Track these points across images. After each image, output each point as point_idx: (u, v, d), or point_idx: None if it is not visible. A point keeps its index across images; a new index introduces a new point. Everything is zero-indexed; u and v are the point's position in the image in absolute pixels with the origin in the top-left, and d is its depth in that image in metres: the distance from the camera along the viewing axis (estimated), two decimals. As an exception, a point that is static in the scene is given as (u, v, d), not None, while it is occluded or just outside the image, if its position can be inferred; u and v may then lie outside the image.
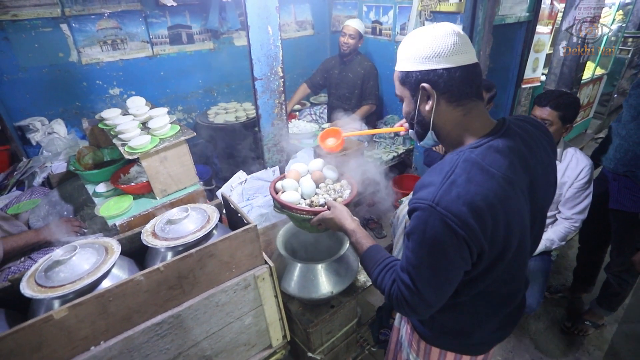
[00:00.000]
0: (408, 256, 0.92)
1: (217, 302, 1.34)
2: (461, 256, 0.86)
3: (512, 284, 1.07)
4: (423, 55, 0.90)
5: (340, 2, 3.82)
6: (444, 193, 0.84)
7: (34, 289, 1.17)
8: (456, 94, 0.91)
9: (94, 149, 2.04)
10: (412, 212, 0.90)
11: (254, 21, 1.53)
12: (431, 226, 0.84)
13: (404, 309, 0.95)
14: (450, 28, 0.91)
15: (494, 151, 0.88)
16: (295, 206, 1.32)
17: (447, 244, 0.84)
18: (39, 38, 2.58)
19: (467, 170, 0.85)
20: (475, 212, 0.82)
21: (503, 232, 0.87)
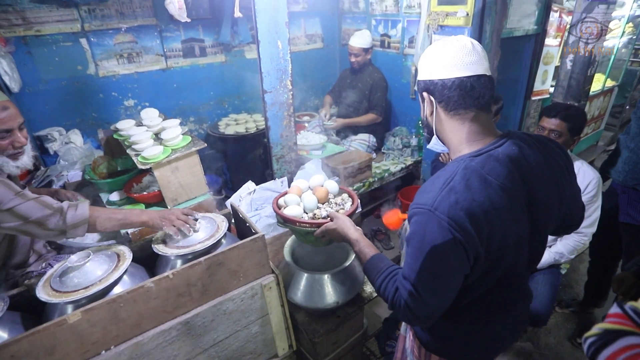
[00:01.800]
0: (408, 262, 0.94)
1: (224, 310, 1.36)
2: (459, 260, 0.88)
3: (510, 294, 1.08)
4: (426, 66, 0.98)
5: (349, 16, 3.89)
6: (442, 199, 0.87)
7: (49, 293, 1.21)
8: (451, 104, 0.96)
9: (108, 159, 2.10)
10: (412, 218, 0.94)
11: (264, 36, 1.59)
12: (430, 230, 0.87)
13: (407, 316, 0.96)
14: (454, 41, 0.95)
15: (493, 160, 0.91)
16: (298, 219, 1.34)
17: (446, 247, 0.86)
18: (60, 52, 2.68)
19: (466, 178, 0.88)
20: (472, 218, 0.85)
21: (499, 239, 0.90)
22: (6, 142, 1.37)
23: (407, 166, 3.24)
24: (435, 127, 1.02)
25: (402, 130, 3.50)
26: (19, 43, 2.52)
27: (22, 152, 1.44)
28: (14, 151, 1.40)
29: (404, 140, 3.37)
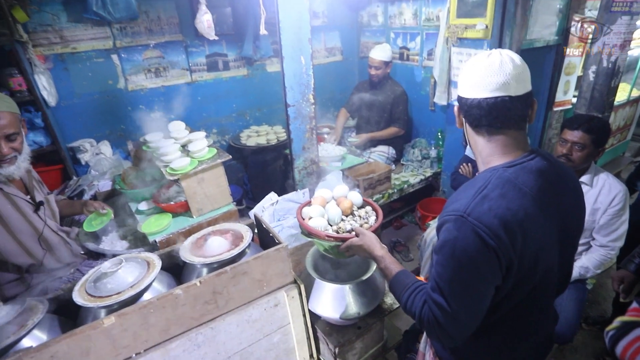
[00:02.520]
0: (439, 271, 0.92)
1: (248, 318, 1.39)
2: (492, 269, 0.87)
3: (538, 313, 1.06)
4: (459, 82, 1.02)
5: (368, 29, 3.95)
6: (476, 205, 0.88)
7: (85, 297, 1.27)
8: (474, 121, 0.99)
9: (137, 169, 2.19)
10: (442, 226, 0.93)
11: (288, 52, 1.65)
12: (462, 237, 0.86)
13: (435, 330, 0.94)
14: (484, 59, 0.95)
15: (527, 172, 0.93)
16: (323, 232, 1.34)
17: (478, 255, 0.85)
18: (93, 67, 2.83)
19: (499, 186, 0.90)
20: (506, 226, 0.85)
21: (532, 249, 0.89)
22: None
23: (426, 178, 3.24)
24: (469, 141, 1.07)
25: (422, 141, 3.51)
26: (57, 60, 2.68)
27: (8, 161, 1.51)
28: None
29: (423, 152, 3.37)
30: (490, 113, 0.94)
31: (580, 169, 1.88)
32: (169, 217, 1.79)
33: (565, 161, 1.84)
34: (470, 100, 0.96)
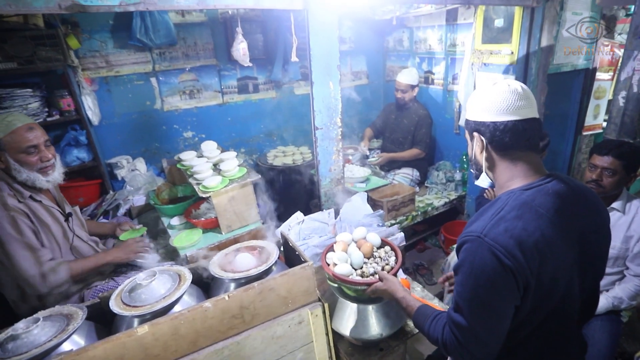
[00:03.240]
0: (458, 290, 0.96)
1: (272, 335, 1.42)
2: (509, 288, 0.89)
3: (560, 339, 1.05)
4: (477, 107, 1.04)
5: (394, 54, 4.04)
6: (492, 227, 0.91)
7: (120, 306, 1.34)
8: (501, 145, 1.01)
9: (170, 186, 2.30)
10: (461, 247, 0.97)
11: (318, 77, 1.73)
12: (479, 257, 0.89)
13: (458, 351, 0.96)
14: (506, 86, 1.00)
15: (543, 194, 0.95)
16: (349, 279, 1.41)
17: (495, 274, 0.88)
18: (133, 89, 3.03)
19: (516, 208, 0.92)
20: (522, 246, 0.87)
21: (550, 271, 0.90)
22: (35, 157, 1.61)
23: (450, 201, 3.22)
24: (485, 165, 1.08)
25: (446, 164, 3.50)
26: (102, 82, 2.89)
27: (51, 166, 1.67)
28: (42, 165, 1.63)
29: (447, 175, 3.37)
30: (523, 135, 0.98)
31: (611, 195, 1.84)
32: (200, 233, 1.86)
33: (595, 187, 1.80)
34: (499, 124, 0.98)
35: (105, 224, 2.10)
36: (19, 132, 1.58)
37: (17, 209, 1.57)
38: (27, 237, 1.55)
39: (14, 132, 1.57)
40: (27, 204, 1.62)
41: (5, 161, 1.58)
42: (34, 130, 1.62)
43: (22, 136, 1.58)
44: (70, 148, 2.65)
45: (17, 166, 1.59)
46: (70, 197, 2.52)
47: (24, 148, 1.59)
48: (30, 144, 1.59)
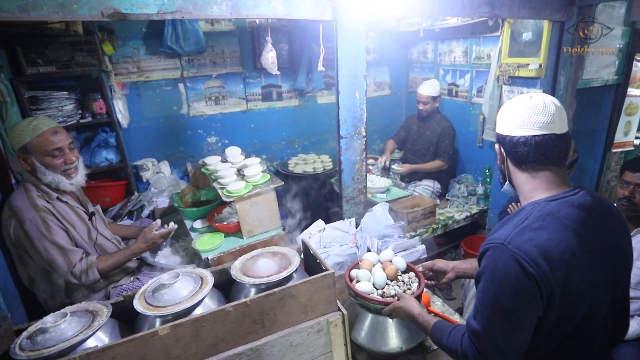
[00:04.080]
0: (479, 298, 0.95)
1: (291, 342, 1.42)
2: (532, 297, 0.87)
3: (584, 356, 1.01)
4: (500, 120, 1.07)
5: (417, 65, 4.04)
6: (516, 235, 0.90)
7: (144, 306, 1.37)
8: (517, 158, 1.02)
9: (194, 189, 2.35)
10: (483, 254, 0.96)
11: (344, 87, 1.74)
12: (502, 264, 0.89)
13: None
14: (527, 100, 1.01)
15: (569, 206, 0.94)
16: (369, 296, 1.43)
17: (518, 282, 0.87)
18: (161, 94, 3.13)
19: (540, 219, 0.91)
20: (546, 255, 0.86)
21: (576, 282, 0.90)
22: (59, 160, 1.66)
23: (472, 215, 3.16)
24: (507, 175, 1.10)
25: (468, 177, 3.45)
26: (132, 87, 2.99)
27: (74, 169, 1.71)
28: (66, 167, 1.68)
29: (469, 188, 3.31)
30: (537, 150, 0.98)
31: None
32: (221, 237, 1.89)
33: (627, 204, 1.75)
34: (516, 138, 1.00)
35: (130, 227, 2.15)
36: (44, 135, 1.63)
37: (46, 209, 1.62)
38: (58, 237, 1.61)
39: (40, 136, 1.62)
40: (54, 205, 1.68)
41: (32, 164, 1.63)
42: (58, 133, 1.67)
43: (48, 139, 1.63)
44: (100, 149, 2.74)
45: (42, 169, 1.64)
46: (97, 196, 2.60)
47: (49, 151, 1.63)
48: (55, 147, 1.64)
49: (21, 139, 1.60)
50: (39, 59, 2.43)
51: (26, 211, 1.55)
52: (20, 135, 1.60)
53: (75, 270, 1.63)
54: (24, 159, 1.62)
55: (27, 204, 1.57)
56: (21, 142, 1.60)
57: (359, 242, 1.85)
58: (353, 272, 1.57)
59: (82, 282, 1.66)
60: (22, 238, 1.56)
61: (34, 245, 1.56)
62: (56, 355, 1.20)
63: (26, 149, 1.60)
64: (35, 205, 1.58)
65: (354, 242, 1.87)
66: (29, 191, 1.61)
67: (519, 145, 1.00)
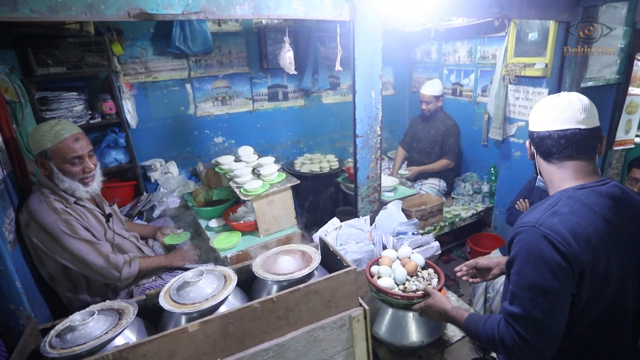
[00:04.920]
0: (515, 281, 0.98)
1: (315, 337, 1.44)
2: (565, 273, 0.91)
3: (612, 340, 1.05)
4: (530, 118, 1.15)
5: (421, 65, 4.08)
6: (546, 218, 0.95)
7: (170, 303, 1.38)
8: (545, 151, 1.09)
9: (206, 189, 2.36)
10: (514, 239, 1.01)
11: (361, 87, 1.77)
12: (535, 244, 0.93)
13: (517, 346, 0.95)
14: (553, 99, 1.09)
15: (597, 194, 0.99)
16: (392, 291, 1.47)
17: (552, 259, 0.91)
18: (169, 95, 3.13)
19: (569, 205, 0.97)
20: (575, 237, 0.91)
21: (602, 265, 0.94)
22: (78, 168, 1.64)
23: (478, 212, 3.20)
24: (538, 168, 1.17)
25: (473, 176, 3.49)
26: (140, 87, 3.00)
27: (92, 177, 1.70)
28: (84, 175, 1.67)
29: (474, 187, 3.35)
30: (561, 143, 1.04)
31: None
32: (239, 235, 1.90)
33: None
34: (542, 133, 1.08)
35: (146, 227, 2.16)
36: (66, 142, 1.60)
37: (66, 212, 1.62)
38: (85, 234, 1.61)
39: (62, 142, 1.59)
40: (73, 209, 1.67)
41: (50, 169, 1.61)
42: (80, 140, 1.65)
43: (69, 147, 1.60)
44: (109, 150, 2.74)
45: (60, 175, 1.61)
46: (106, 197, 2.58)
47: (69, 158, 1.61)
48: (75, 155, 1.62)
49: (42, 144, 1.57)
50: (49, 59, 2.43)
51: (46, 216, 1.53)
52: (41, 140, 1.57)
53: (117, 261, 1.67)
54: (41, 163, 1.60)
55: (45, 207, 1.55)
56: (41, 147, 1.57)
57: (375, 239, 1.87)
58: (373, 268, 1.60)
59: (122, 274, 1.67)
60: (46, 241, 1.55)
61: (62, 246, 1.56)
62: (87, 353, 1.21)
63: (46, 154, 1.58)
64: (54, 209, 1.57)
65: (369, 240, 1.89)
66: (45, 196, 1.59)
67: (544, 139, 1.07)
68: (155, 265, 1.80)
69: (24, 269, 1.57)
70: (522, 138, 2.91)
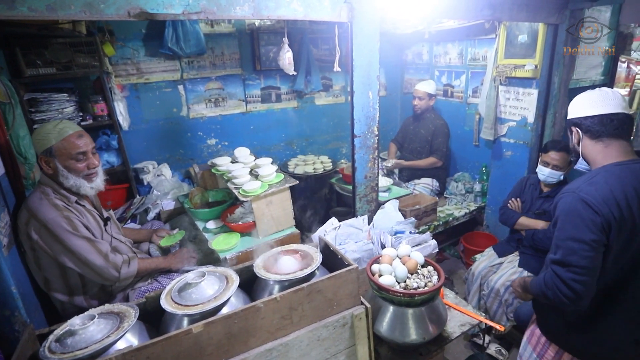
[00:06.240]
0: (557, 235, 1.23)
1: (318, 337, 1.44)
2: (597, 226, 1.14)
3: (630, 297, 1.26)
4: (576, 108, 1.35)
5: (412, 67, 4.13)
6: (585, 186, 1.20)
7: (172, 305, 1.37)
8: (594, 133, 1.29)
9: (202, 191, 2.34)
10: (559, 202, 1.25)
11: (359, 87, 1.78)
12: (573, 206, 1.19)
13: (561, 291, 1.18)
14: (597, 91, 1.32)
15: (632, 171, 1.20)
16: (393, 289, 1.48)
17: (586, 215, 1.15)
18: (161, 96, 3.10)
19: (605, 177, 1.20)
20: (607, 200, 1.15)
21: (630, 225, 1.16)
22: (82, 164, 1.64)
23: (470, 211, 3.25)
24: (582, 151, 1.36)
25: (465, 175, 3.54)
26: (132, 89, 2.96)
27: (95, 173, 1.70)
28: (88, 172, 1.67)
29: (466, 186, 3.40)
30: (612, 124, 1.26)
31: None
32: (238, 237, 1.89)
33: None
34: (592, 117, 1.28)
35: (141, 231, 2.14)
36: (69, 139, 1.60)
37: (67, 209, 1.60)
38: (84, 232, 1.59)
39: (66, 139, 1.60)
40: (74, 208, 1.65)
41: (54, 167, 1.60)
42: (83, 137, 1.65)
43: (73, 143, 1.61)
44: (101, 152, 2.70)
45: (65, 172, 1.61)
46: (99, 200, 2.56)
47: (74, 155, 1.61)
48: (79, 151, 1.62)
49: (46, 142, 1.57)
50: (39, 60, 2.38)
51: (47, 212, 1.52)
52: (45, 138, 1.57)
53: (116, 260, 1.65)
54: (46, 162, 1.60)
55: (46, 204, 1.54)
56: (46, 145, 1.57)
57: (373, 238, 1.89)
58: (374, 267, 1.61)
59: (121, 274, 1.65)
60: (47, 238, 1.53)
61: (62, 243, 1.54)
62: (88, 358, 1.19)
63: (50, 151, 1.58)
64: (55, 206, 1.56)
65: (368, 239, 1.90)
66: (46, 194, 1.58)
67: (595, 122, 1.28)
68: (154, 267, 1.78)
69: (19, 274, 1.53)
70: (513, 138, 2.97)
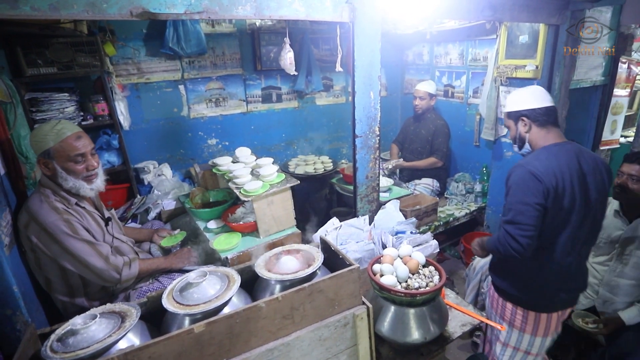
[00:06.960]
0: (508, 200, 1.50)
1: (319, 336, 1.44)
2: (540, 190, 1.43)
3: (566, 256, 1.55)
4: (520, 102, 1.64)
5: (413, 67, 4.13)
6: (532, 161, 1.50)
7: (174, 305, 1.37)
8: (541, 121, 1.59)
9: (203, 191, 2.34)
10: (510, 175, 1.53)
11: (360, 87, 1.78)
12: (520, 176, 1.48)
13: (509, 244, 1.46)
14: (535, 87, 1.67)
15: (564, 150, 1.52)
16: (395, 289, 1.49)
17: (532, 183, 1.43)
18: (162, 96, 3.10)
19: (547, 155, 1.51)
20: (547, 171, 1.44)
21: (560, 194, 1.45)
22: (81, 166, 1.63)
23: (471, 212, 3.25)
24: (529, 138, 1.63)
25: (465, 176, 3.54)
26: (133, 89, 2.96)
27: (95, 175, 1.69)
28: (88, 173, 1.66)
29: (467, 186, 3.41)
30: (553, 114, 1.60)
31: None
32: (239, 237, 1.89)
33: (619, 191, 1.98)
34: (540, 109, 1.59)
35: (142, 230, 2.14)
36: (68, 140, 1.59)
37: (67, 212, 1.60)
38: (84, 235, 1.59)
39: (64, 141, 1.58)
40: (74, 210, 1.65)
41: (53, 169, 1.59)
42: (81, 138, 1.64)
43: (71, 145, 1.59)
44: (102, 152, 2.70)
45: (64, 174, 1.60)
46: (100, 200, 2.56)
47: (72, 156, 1.60)
48: (78, 152, 1.61)
49: (44, 144, 1.55)
50: (39, 59, 2.38)
51: (47, 215, 1.52)
52: (43, 140, 1.56)
53: (117, 262, 1.65)
54: (44, 163, 1.58)
55: (46, 207, 1.54)
56: (44, 147, 1.56)
57: (375, 239, 1.89)
58: (375, 266, 1.62)
59: (122, 276, 1.65)
60: (47, 241, 1.52)
61: (62, 246, 1.53)
62: (90, 357, 1.19)
63: (49, 153, 1.56)
64: (55, 209, 1.55)
65: (369, 239, 1.90)
66: (46, 196, 1.57)
67: (542, 112, 1.58)
68: (155, 267, 1.78)
69: (21, 273, 1.53)
70: (513, 138, 2.97)
